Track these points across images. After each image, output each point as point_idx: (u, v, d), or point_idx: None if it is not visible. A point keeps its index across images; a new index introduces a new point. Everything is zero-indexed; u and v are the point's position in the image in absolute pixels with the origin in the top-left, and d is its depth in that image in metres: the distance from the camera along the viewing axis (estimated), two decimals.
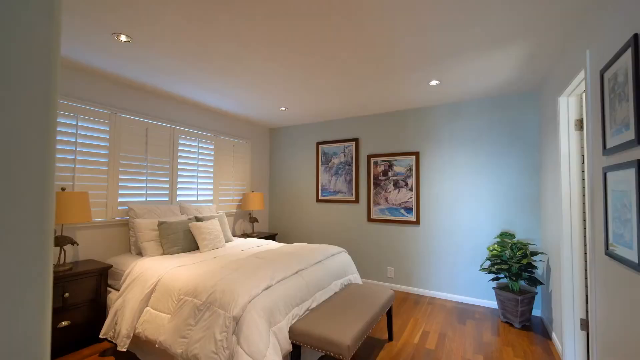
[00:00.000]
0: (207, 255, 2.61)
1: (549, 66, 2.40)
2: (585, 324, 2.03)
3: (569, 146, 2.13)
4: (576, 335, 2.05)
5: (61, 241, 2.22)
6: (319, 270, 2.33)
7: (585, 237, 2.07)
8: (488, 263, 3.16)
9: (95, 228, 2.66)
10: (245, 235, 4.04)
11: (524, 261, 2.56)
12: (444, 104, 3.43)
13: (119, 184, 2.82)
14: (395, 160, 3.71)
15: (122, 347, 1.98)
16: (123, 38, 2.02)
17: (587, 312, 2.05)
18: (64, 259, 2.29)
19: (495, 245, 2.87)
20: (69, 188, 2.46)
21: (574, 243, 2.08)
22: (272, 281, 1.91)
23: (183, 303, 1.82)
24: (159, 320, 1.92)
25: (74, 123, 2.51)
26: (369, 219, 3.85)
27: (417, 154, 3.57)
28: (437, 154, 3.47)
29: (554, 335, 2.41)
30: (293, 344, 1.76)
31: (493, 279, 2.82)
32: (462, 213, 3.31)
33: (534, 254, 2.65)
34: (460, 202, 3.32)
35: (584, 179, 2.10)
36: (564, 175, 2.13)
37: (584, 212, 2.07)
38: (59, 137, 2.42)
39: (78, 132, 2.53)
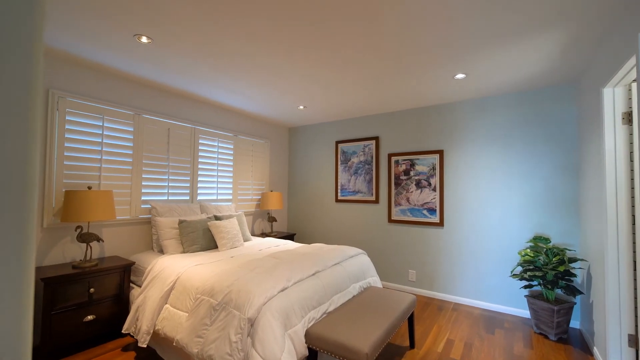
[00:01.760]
0: (225, 254, 2.62)
1: (589, 54, 2.18)
2: (634, 341, 1.82)
3: (615, 142, 1.91)
4: (623, 352, 1.84)
5: (87, 238, 2.30)
6: (337, 272, 2.26)
7: (634, 242, 1.85)
8: (519, 269, 2.95)
9: (120, 225, 2.74)
10: (263, 235, 4.04)
11: (561, 268, 2.35)
12: (471, 99, 3.25)
13: (142, 183, 2.89)
14: (418, 159, 3.56)
15: (143, 343, 2.01)
16: (144, 39, 2.05)
17: (636, 326, 1.83)
18: (90, 255, 2.37)
19: (528, 250, 2.67)
20: (95, 187, 2.55)
21: (621, 249, 1.87)
22: (288, 283, 1.86)
23: (200, 302, 1.82)
24: (177, 318, 1.93)
25: (100, 124, 2.60)
26: (390, 220, 3.73)
27: (440, 153, 3.40)
28: (463, 153, 3.29)
29: (595, 351, 2.19)
30: (309, 349, 1.71)
31: (525, 287, 2.62)
32: (490, 215, 3.11)
33: (573, 260, 2.43)
34: (488, 203, 3.12)
35: (632, 178, 1.88)
36: (609, 173, 1.92)
37: (633, 215, 1.86)
38: (86, 138, 2.51)
39: (104, 133, 2.62)
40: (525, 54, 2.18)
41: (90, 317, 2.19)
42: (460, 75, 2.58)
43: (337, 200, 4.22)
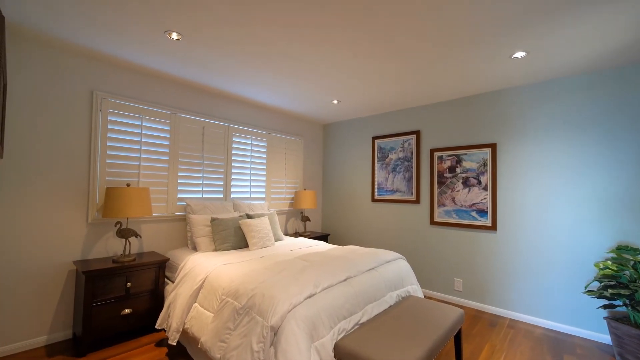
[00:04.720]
0: (255, 253, 2.54)
1: None
2: None
3: None
4: None
5: (126, 233, 2.37)
6: (371, 278, 2.05)
7: None
8: (596, 284, 2.45)
9: (158, 222, 2.82)
10: (296, 235, 3.94)
11: None
12: (531, 82, 2.80)
13: (178, 181, 2.95)
14: (465, 154, 3.18)
15: (172, 341, 2.00)
16: (174, 36, 2.04)
17: None
18: (129, 250, 2.45)
19: (609, 262, 2.19)
20: (134, 184, 2.64)
21: None
22: (316, 289, 1.70)
23: (224, 304, 1.74)
24: (204, 318, 1.88)
25: (139, 124, 2.68)
26: (432, 222, 3.39)
27: (493, 147, 2.99)
28: (521, 146, 2.85)
29: None
30: None
31: (604, 306, 2.15)
32: (556, 218, 2.64)
33: None
34: (554, 204, 2.66)
35: None
36: None
37: None
38: (127, 137, 2.61)
39: (143, 132, 2.70)
40: (602, 23, 1.76)
41: (127, 311, 2.25)
42: (519, 54, 2.21)
43: (373, 200, 3.97)
